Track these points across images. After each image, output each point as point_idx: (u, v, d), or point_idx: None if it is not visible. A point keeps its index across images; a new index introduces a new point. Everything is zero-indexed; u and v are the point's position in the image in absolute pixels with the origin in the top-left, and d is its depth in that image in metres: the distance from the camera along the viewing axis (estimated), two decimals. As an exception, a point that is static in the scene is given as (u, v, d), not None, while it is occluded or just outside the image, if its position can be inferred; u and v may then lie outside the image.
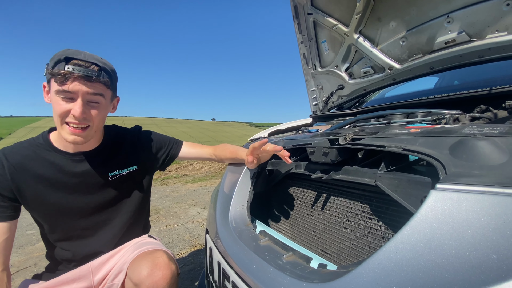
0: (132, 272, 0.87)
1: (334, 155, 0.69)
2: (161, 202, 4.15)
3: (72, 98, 0.79)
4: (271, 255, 0.61)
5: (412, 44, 1.29)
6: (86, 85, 0.79)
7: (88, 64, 0.79)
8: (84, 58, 0.79)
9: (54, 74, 0.76)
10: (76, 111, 0.78)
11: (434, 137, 0.57)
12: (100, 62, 0.82)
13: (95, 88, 0.81)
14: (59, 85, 0.77)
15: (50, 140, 0.91)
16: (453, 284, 0.31)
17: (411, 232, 0.40)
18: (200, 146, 1.20)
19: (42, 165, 0.88)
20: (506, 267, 0.29)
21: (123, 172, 1.01)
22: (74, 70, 0.76)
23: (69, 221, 0.93)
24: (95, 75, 0.80)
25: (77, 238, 0.96)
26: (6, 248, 0.83)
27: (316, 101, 1.99)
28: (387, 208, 0.61)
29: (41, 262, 2.20)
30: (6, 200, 0.83)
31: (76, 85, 0.77)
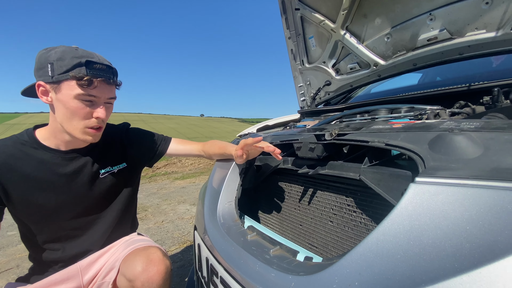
0: (126, 268, 0.86)
1: (320, 151, 0.70)
2: (149, 199, 4.10)
3: (92, 102, 0.81)
4: (258, 250, 0.61)
5: (396, 41, 1.32)
6: (107, 89, 0.83)
7: (105, 67, 0.81)
8: (100, 61, 0.80)
9: (79, 78, 0.76)
10: (103, 113, 0.83)
11: (414, 132, 0.59)
12: (111, 64, 0.85)
13: (112, 91, 0.86)
14: (83, 89, 0.77)
15: (37, 138, 0.88)
16: (429, 272, 0.33)
17: (392, 224, 0.42)
18: (188, 142, 1.19)
19: (30, 164, 0.85)
20: (478, 255, 0.31)
21: (114, 169, 1.00)
22: (98, 74, 0.78)
23: (58, 222, 0.91)
24: (112, 78, 0.83)
25: (66, 238, 0.94)
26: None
27: (304, 97, 2.00)
28: (371, 201, 0.62)
29: (24, 264, 2.14)
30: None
31: (100, 89, 0.80)
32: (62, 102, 0.79)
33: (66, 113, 0.80)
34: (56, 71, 0.76)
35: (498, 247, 0.30)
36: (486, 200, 0.34)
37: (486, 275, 0.29)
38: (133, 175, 1.09)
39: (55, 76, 0.77)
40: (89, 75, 0.76)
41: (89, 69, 0.77)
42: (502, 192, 0.34)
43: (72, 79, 0.76)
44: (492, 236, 0.31)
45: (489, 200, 0.34)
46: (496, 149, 0.43)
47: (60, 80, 0.77)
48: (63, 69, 0.76)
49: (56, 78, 0.77)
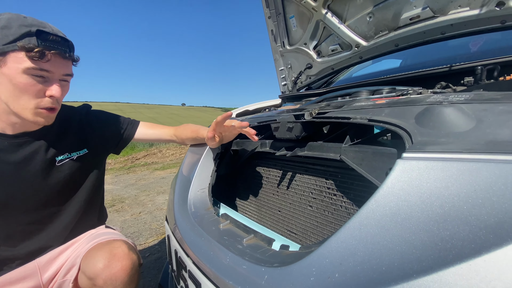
0: (86, 265, 0.78)
1: (298, 130, 0.64)
2: (126, 191, 3.93)
3: (45, 78, 0.70)
4: (230, 240, 0.55)
5: (378, 20, 1.27)
6: (62, 64, 0.73)
7: (59, 38, 0.70)
8: (53, 32, 0.69)
9: (29, 49, 0.65)
10: (57, 91, 0.72)
11: (399, 107, 0.54)
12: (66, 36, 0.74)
13: (68, 67, 0.76)
14: (34, 62, 0.67)
15: None
16: (422, 261, 0.28)
17: (376, 206, 0.36)
18: (159, 126, 1.09)
19: None
20: (479, 240, 0.26)
21: (72, 156, 0.89)
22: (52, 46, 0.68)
23: (10, 217, 0.80)
24: (68, 51, 0.73)
25: (21, 234, 0.84)
26: None
27: (285, 81, 1.94)
28: (352, 183, 0.58)
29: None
30: None
31: (54, 63, 0.71)
32: (8, 77, 0.68)
33: (13, 90, 0.69)
34: (0, 40, 0.65)
35: (504, 230, 0.25)
36: (486, 176, 0.29)
37: (491, 264, 0.24)
38: (96, 163, 0.98)
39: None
40: (41, 46, 0.66)
41: (41, 39, 0.67)
42: (505, 166, 0.29)
43: (21, 50, 0.66)
44: (496, 216, 0.26)
45: (490, 175, 0.29)
46: (490, 120, 0.39)
47: (6, 52, 0.66)
48: (9, 39, 0.65)
49: (1, 49, 0.66)
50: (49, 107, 0.74)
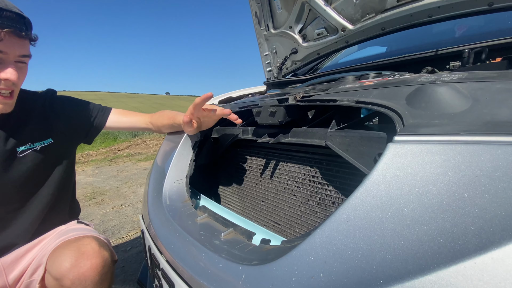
0: (52, 265, 0.71)
1: (281, 115, 0.59)
2: (108, 183, 3.80)
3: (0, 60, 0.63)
4: (207, 235, 0.51)
5: (365, 2, 1.22)
6: (18, 44, 0.66)
7: (14, 15, 0.62)
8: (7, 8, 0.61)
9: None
10: (13, 74, 0.65)
11: (389, 87, 0.50)
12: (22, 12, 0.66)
13: (25, 47, 0.69)
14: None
15: None
16: (418, 258, 0.24)
17: (365, 195, 0.33)
18: (133, 114, 1.01)
19: None
20: (485, 234, 0.22)
21: (35, 146, 0.81)
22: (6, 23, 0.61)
23: None
24: (24, 29, 0.66)
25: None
26: None
27: (270, 67, 1.87)
28: (338, 170, 0.54)
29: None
30: None
31: (8, 42, 0.63)
32: None
33: None
34: None
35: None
36: (489, 159, 0.26)
37: (499, 262, 0.21)
38: (63, 153, 0.90)
39: None
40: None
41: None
42: (509, 148, 0.25)
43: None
44: (503, 206, 0.23)
45: (493, 158, 0.26)
46: (487, 100, 0.35)
47: None
48: None
49: None
50: (4, 91, 0.67)
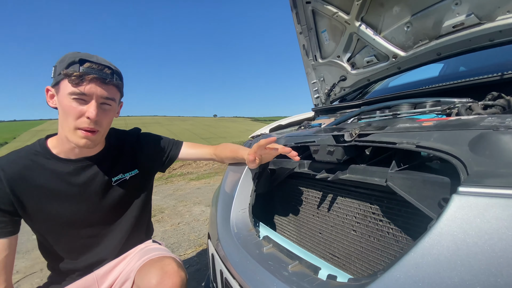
0: (141, 281, 0.84)
1: (340, 154, 0.64)
2: (165, 201, 4.14)
3: (85, 101, 0.76)
4: (276, 265, 0.56)
5: (417, 29, 1.22)
6: (101, 87, 0.77)
7: (101, 66, 0.77)
8: (97, 61, 0.77)
9: (69, 74, 0.73)
10: (92, 113, 0.76)
11: (450, 131, 0.51)
12: (112, 65, 0.81)
13: (108, 91, 0.80)
14: (74, 86, 0.74)
15: (49, 147, 0.86)
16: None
17: (432, 244, 0.35)
18: (200, 146, 1.15)
19: (43, 174, 0.83)
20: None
21: (126, 176, 0.98)
22: (90, 72, 0.75)
23: (74, 231, 0.90)
24: (109, 77, 0.79)
25: (81, 247, 0.93)
26: (7, 265, 0.79)
27: (318, 94, 1.93)
28: (399, 209, 0.56)
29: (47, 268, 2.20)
30: (5, 215, 0.79)
31: (92, 87, 0.76)
32: (60, 103, 0.77)
33: (62, 113, 0.77)
34: (56, 72, 0.76)
35: None
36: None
37: None
38: (145, 181, 1.06)
39: (55, 77, 0.76)
40: (79, 72, 0.73)
41: (82, 66, 0.74)
42: None
43: (65, 77, 0.74)
44: None
45: None
46: (558, 151, 0.36)
47: (58, 81, 0.76)
48: (60, 70, 0.75)
49: (56, 80, 0.76)
50: (86, 128, 0.77)
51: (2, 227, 0.79)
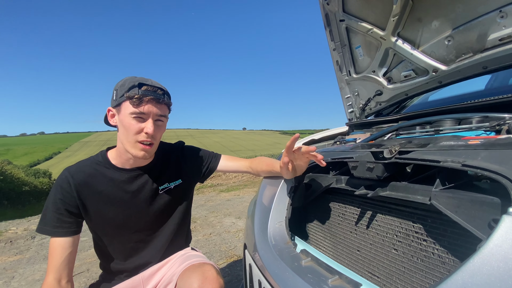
0: (183, 284, 0.90)
1: (380, 171, 0.64)
2: (197, 211, 4.28)
3: (143, 118, 0.88)
4: (315, 278, 0.58)
5: (459, 43, 1.18)
6: (156, 107, 0.88)
7: (155, 88, 0.89)
8: (151, 84, 0.89)
9: (131, 97, 0.85)
10: (150, 128, 0.87)
11: (498, 150, 0.50)
12: (163, 87, 0.92)
13: (161, 110, 0.90)
14: (134, 107, 0.85)
15: (109, 158, 0.98)
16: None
17: (482, 263, 0.35)
18: (237, 159, 1.21)
19: (103, 182, 0.95)
20: None
21: (171, 185, 1.06)
22: (148, 94, 0.86)
23: (126, 234, 1.00)
24: (162, 97, 0.89)
25: (131, 250, 1.02)
26: (70, 262, 0.90)
27: (352, 108, 1.91)
28: (445, 229, 0.54)
29: (93, 268, 2.38)
30: (72, 216, 0.91)
31: (149, 107, 0.86)
32: (122, 122, 0.88)
33: (123, 131, 0.89)
34: (118, 95, 0.87)
35: None
36: None
37: None
38: (187, 191, 1.14)
39: (117, 99, 0.88)
40: (139, 94, 0.84)
41: (140, 89, 0.86)
42: None
43: (127, 99, 0.85)
44: None
45: None
46: None
47: (120, 103, 0.87)
48: (122, 93, 0.86)
49: (118, 101, 0.88)
50: (145, 141, 0.88)
51: (68, 226, 0.90)
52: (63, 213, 0.89)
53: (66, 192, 0.90)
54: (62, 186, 0.90)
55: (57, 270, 0.87)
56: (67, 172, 0.93)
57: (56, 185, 0.92)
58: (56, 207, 0.89)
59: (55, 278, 0.86)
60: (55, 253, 0.88)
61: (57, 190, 0.90)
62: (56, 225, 0.88)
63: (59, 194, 0.90)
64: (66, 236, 0.89)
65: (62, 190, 0.90)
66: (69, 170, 0.94)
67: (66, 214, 0.90)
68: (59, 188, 0.90)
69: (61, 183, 0.91)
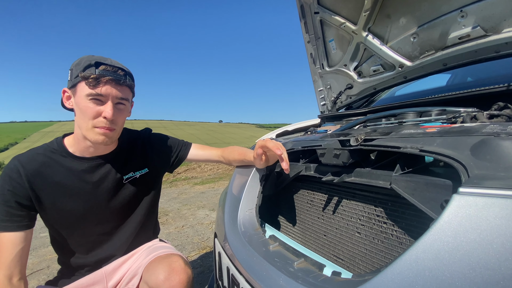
0: (149, 277, 0.87)
1: (346, 157, 0.66)
2: (170, 204, 4.18)
3: (101, 101, 0.80)
4: (282, 262, 0.59)
5: (423, 40, 1.25)
6: (116, 88, 0.81)
7: (115, 68, 0.81)
8: (111, 63, 0.81)
9: (86, 77, 0.77)
10: (108, 112, 0.79)
11: (453, 137, 0.54)
12: (124, 67, 0.85)
13: (122, 92, 0.83)
14: (91, 88, 0.78)
15: (65, 146, 0.90)
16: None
17: (433, 240, 0.37)
18: (208, 148, 1.19)
19: (59, 171, 0.87)
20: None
21: (136, 175, 1.01)
22: (105, 74, 0.79)
23: (86, 227, 0.94)
24: (123, 78, 0.82)
25: (93, 243, 0.96)
26: (23, 258, 0.83)
27: (324, 101, 1.96)
28: (404, 212, 0.58)
29: (54, 265, 2.24)
30: (23, 209, 0.83)
31: (108, 88, 0.79)
32: (78, 105, 0.81)
33: (80, 114, 0.81)
34: (73, 75, 0.80)
35: None
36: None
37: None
38: (154, 181, 1.09)
39: (72, 80, 0.80)
40: (96, 74, 0.77)
41: (97, 69, 0.78)
42: None
43: (82, 80, 0.78)
44: None
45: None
46: (555, 156, 0.38)
47: (75, 84, 0.80)
48: (77, 73, 0.79)
49: (73, 82, 0.80)
50: (104, 127, 0.81)
51: (20, 220, 0.82)
52: (13, 205, 0.81)
53: (16, 183, 0.81)
54: (11, 177, 0.82)
55: (8, 267, 0.79)
56: (16, 161, 0.84)
57: (4, 176, 0.82)
58: (4, 200, 0.80)
59: (6, 276, 0.79)
60: (4, 249, 0.80)
61: (5, 180, 0.81)
62: (5, 219, 0.80)
63: (7, 185, 0.81)
64: (17, 231, 0.81)
65: (11, 180, 0.81)
66: (19, 159, 0.85)
67: (17, 207, 0.82)
68: (7, 179, 0.81)
69: (9, 173, 0.82)
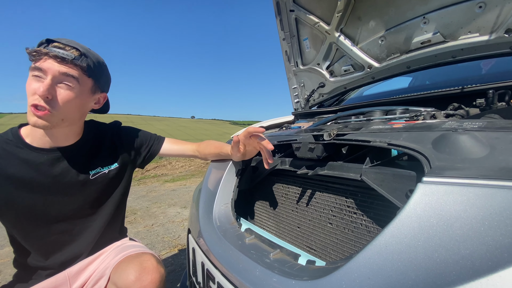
0: (118, 277, 0.81)
1: (319, 151, 0.68)
2: (138, 202, 4.00)
3: (41, 77, 0.72)
4: (258, 254, 0.59)
5: (390, 43, 1.33)
6: (60, 64, 0.73)
7: (68, 47, 0.74)
8: (65, 42, 0.74)
9: (30, 52, 0.70)
10: (41, 87, 0.70)
11: (416, 132, 0.58)
12: (84, 49, 0.77)
13: (68, 70, 0.74)
14: (33, 63, 0.71)
15: (22, 136, 0.82)
16: (445, 276, 0.32)
17: (400, 226, 0.40)
18: (182, 142, 1.15)
19: (13, 163, 0.79)
20: (495, 258, 0.30)
21: (104, 170, 0.94)
22: (52, 50, 0.72)
23: (45, 225, 0.86)
24: (72, 57, 0.74)
25: (53, 243, 0.88)
26: None
27: (298, 99, 2.00)
28: (372, 202, 0.61)
29: (6, 270, 2.03)
30: None
31: (49, 63, 0.72)
32: None
33: None
34: None
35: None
36: (500, 201, 0.33)
37: (506, 279, 0.28)
38: (124, 177, 1.03)
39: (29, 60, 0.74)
40: (39, 48, 0.71)
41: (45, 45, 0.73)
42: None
43: (29, 55, 0.72)
44: (509, 237, 0.30)
45: (504, 200, 0.33)
46: (502, 148, 0.43)
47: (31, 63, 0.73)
48: None
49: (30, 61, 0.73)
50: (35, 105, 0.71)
51: None
52: None
53: None
54: None
55: None
56: None
57: None
58: None
59: None
60: None
61: None
62: None
63: None
64: None
65: None
66: None
67: None
68: None
69: None
